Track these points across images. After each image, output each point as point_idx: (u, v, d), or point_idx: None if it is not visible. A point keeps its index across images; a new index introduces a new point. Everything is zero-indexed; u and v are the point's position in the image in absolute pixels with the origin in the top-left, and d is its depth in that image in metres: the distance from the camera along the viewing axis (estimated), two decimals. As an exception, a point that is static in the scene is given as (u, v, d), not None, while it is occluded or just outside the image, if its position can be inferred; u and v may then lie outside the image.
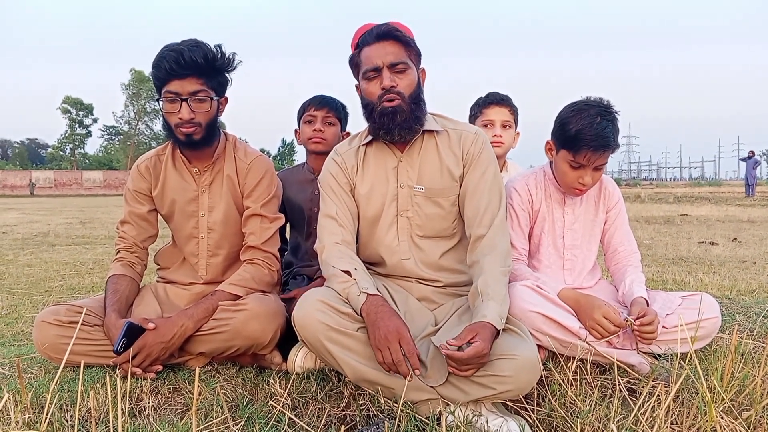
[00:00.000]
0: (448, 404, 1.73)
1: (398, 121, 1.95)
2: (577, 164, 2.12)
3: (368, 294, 1.80)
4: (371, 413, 1.77)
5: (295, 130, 2.90)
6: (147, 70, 2.24)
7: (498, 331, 1.71)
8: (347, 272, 1.88)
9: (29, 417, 1.62)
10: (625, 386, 1.90)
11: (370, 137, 2.08)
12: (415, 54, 2.00)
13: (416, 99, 1.98)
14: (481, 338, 1.62)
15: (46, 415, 1.45)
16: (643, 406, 1.60)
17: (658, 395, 1.64)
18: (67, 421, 1.68)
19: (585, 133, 2.04)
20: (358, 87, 2.05)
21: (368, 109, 2.00)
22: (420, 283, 2.09)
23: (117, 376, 1.98)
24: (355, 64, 2.04)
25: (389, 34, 1.95)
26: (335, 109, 2.79)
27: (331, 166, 2.13)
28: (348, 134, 2.87)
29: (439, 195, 2.05)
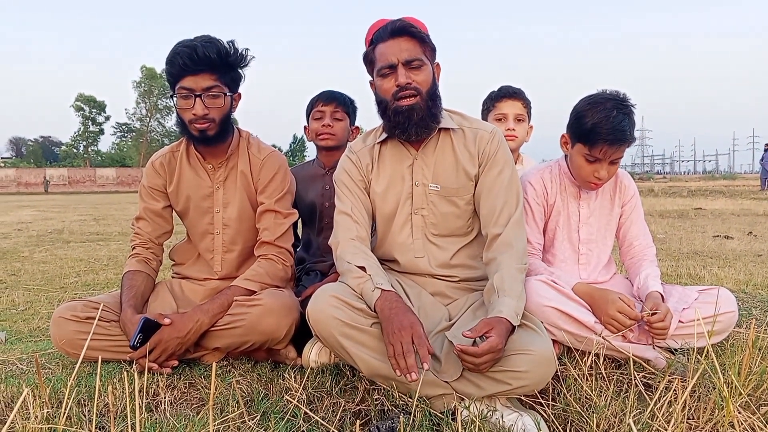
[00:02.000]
0: (462, 399, 1.73)
1: (415, 120, 1.92)
2: (592, 158, 2.10)
3: (383, 290, 1.80)
4: (386, 408, 1.77)
5: (305, 127, 2.90)
6: (158, 66, 2.26)
7: (513, 328, 1.71)
8: (362, 268, 1.88)
9: (48, 412, 1.63)
10: (641, 381, 1.89)
11: (384, 135, 2.07)
12: (430, 50, 1.97)
13: (432, 96, 1.96)
14: (496, 333, 1.62)
15: (65, 409, 1.46)
16: (659, 401, 1.59)
17: (675, 390, 1.63)
18: (85, 416, 1.70)
19: (601, 126, 2.02)
20: (372, 83, 2.03)
21: (382, 106, 1.98)
22: (434, 278, 2.08)
23: (134, 371, 1.98)
24: (369, 60, 2.01)
25: (404, 30, 1.92)
26: (343, 104, 2.78)
27: (345, 163, 2.12)
28: (357, 129, 2.86)
29: (455, 194, 2.04)
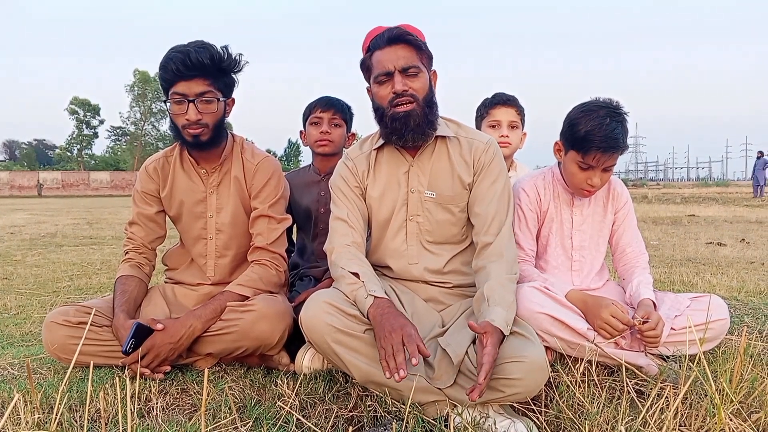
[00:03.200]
0: (455, 406, 1.73)
1: (411, 126, 1.93)
2: (586, 165, 2.11)
3: (375, 297, 1.80)
4: (379, 414, 1.77)
5: (301, 132, 2.90)
6: (151, 69, 2.26)
7: (503, 337, 1.71)
8: (355, 274, 1.88)
9: (39, 417, 1.62)
10: (634, 388, 1.89)
11: (381, 141, 2.08)
12: (426, 57, 1.98)
13: (429, 102, 1.97)
14: (491, 343, 1.61)
15: (56, 415, 1.46)
16: (651, 408, 1.60)
17: (667, 397, 1.64)
18: (76, 421, 1.69)
19: (594, 134, 2.04)
20: (369, 90, 2.04)
21: (379, 113, 1.99)
22: (427, 284, 2.09)
23: (126, 376, 1.99)
24: (366, 67, 2.02)
25: (400, 37, 1.93)
26: (341, 111, 2.79)
27: (342, 170, 2.13)
28: (354, 136, 2.87)
29: (450, 201, 2.05)
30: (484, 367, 1.57)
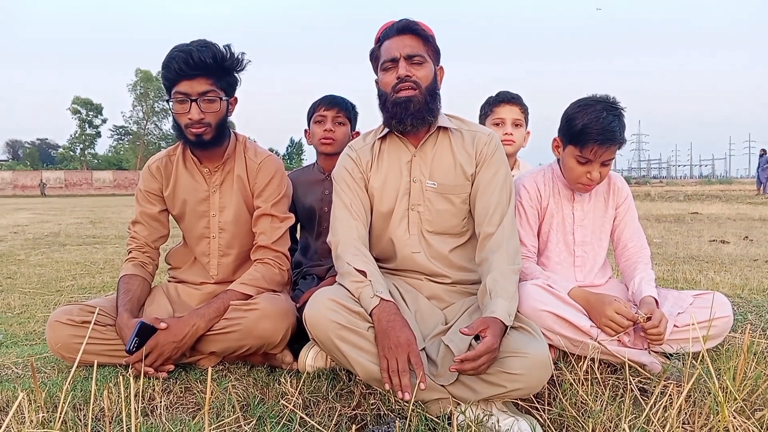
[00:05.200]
0: (458, 403, 1.73)
1: (411, 111, 1.96)
2: (584, 159, 2.12)
3: (382, 299, 1.80)
4: (382, 412, 1.77)
5: (305, 131, 2.90)
6: (153, 69, 2.26)
7: (506, 328, 1.72)
8: (362, 272, 1.88)
9: (43, 416, 1.63)
10: (637, 386, 1.89)
11: (385, 131, 2.10)
12: (432, 50, 2.03)
13: (431, 92, 2.00)
14: (490, 333, 1.63)
15: (60, 414, 1.46)
16: (654, 406, 1.59)
17: (670, 395, 1.63)
18: (80, 420, 1.69)
19: (591, 127, 2.05)
20: (377, 81, 2.07)
21: (382, 99, 2.03)
22: (430, 281, 2.09)
23: (129, 375, 1.99)
24: (375, 57, 2.07)
25: (408, 27, 1.99)
26: (345, 109, 2.79)
27: (345, 161, 2.14)
28: (358, 134, 2.87)
29: (451, 191, 2.06)
30: (479, 348, 1.60)
